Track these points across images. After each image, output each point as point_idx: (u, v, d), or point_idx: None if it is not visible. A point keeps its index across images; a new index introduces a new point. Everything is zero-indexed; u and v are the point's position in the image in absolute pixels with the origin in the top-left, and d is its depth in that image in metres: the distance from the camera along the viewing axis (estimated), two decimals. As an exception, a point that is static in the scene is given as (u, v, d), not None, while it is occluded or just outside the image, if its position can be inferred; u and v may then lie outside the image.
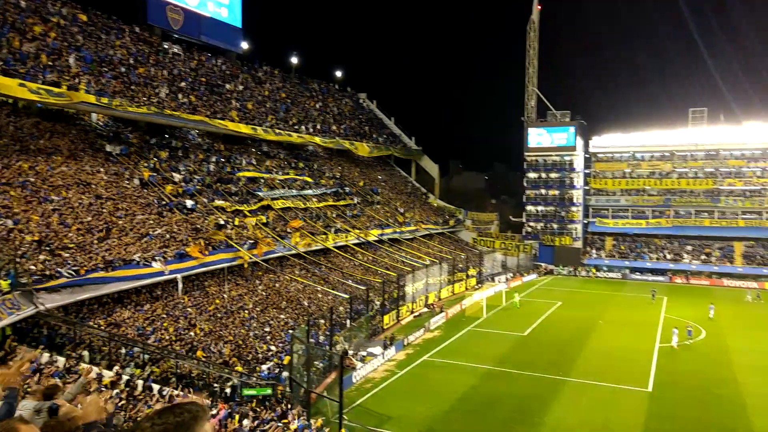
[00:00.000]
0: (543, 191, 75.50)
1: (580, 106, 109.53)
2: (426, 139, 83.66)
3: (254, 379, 26.10)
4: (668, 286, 61.37)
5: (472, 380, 29.13)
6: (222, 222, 38.13)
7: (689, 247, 68.28)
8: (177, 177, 40.20)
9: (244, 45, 60.90)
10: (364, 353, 32.57)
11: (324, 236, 46.74)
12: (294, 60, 70.33)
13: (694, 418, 24.15)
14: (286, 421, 21.56)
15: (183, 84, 47.62)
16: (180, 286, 31.52)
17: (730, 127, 67.75)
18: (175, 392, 21.02)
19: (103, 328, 25.66)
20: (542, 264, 71.50)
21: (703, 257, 66.48)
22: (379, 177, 71.37)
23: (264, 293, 36.81)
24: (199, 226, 36.21)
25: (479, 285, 57.18)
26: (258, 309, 34.52)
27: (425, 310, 45.61)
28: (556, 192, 74.54)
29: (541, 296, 53.11)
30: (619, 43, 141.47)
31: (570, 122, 73.18)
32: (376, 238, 53.85)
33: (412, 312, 44.24)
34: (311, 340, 29.48)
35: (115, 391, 18.19)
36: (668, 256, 67.95)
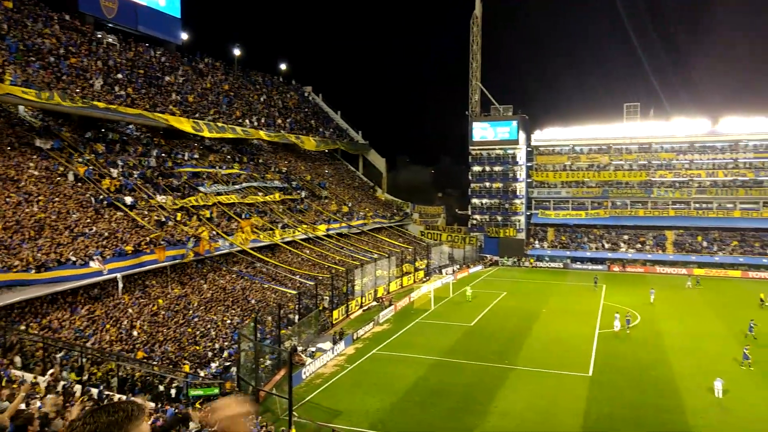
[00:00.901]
0: (487, 184, 77.09)
1: (523, 101, 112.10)
2: (373, 133, 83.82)
3: (200, 378, 25.49)
4: (606, 275, 64.01)
5: (421, 371, 29.49)
6: (164, 219, 36.93)
7: (625, 237, 71.41)
8: (115, 172, 38.59)
9: (184, 36, 59.08)
10: (314, 349, 32.40)
11: (271, 232, 46.07)
12: (236, 52, 68.83)
13: (630, 400, 25.34)
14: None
15: (120, 76, 45.69)
16: (120, 285, 30.35)
17: (660, 122, 71.19)
18: (117, 396, 20.25)
19: (36, 331, 24.38)
20: (488, 255, 73.11)
21: (638, 246, 69.68)
22: (327, 171, 70.96)
23: (209, 291, 35.96)
24: (140, 223, 34.92)
25: (427, 277, 57.89)
26: (203, 307, 33.69)
27: (374, 303, 45.78)
28: (500, 185, 76.27)
29: (487, 287, 54.31)
30: (559, 38, 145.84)
31: (513, 116, 74.93)
32: (324, 233, 53.56)
33: (361, 306, 44.31)
34: (259, 338, 29.05)
35: (51, 396, 17.32)
36: (606, 246, 70.84)
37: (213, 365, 27.55)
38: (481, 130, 75.78)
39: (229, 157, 53.99)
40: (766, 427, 22.34)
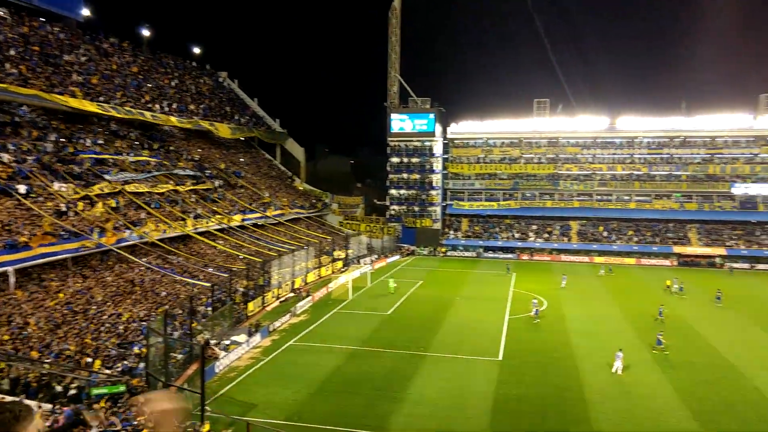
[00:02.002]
0: (405, 175, 78.28)
1: (440, 94, 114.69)
2: (291, 122, 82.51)
3: (104, 376, 24.14)
4: (516, 263, 67.05)
5: (338, 361, 29.61)
6: (64, 208, 34.48)
7: (534, 227, 75.07)
8: (6, 157, 35.51)
9: (86, 12, 55.00)
10: (228, 342, 31.61)
11: (182, 222, 44.29)
12: (145, 33, 65.09)
13: (536, 381, 26.82)
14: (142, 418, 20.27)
15: (12, 52, 41.99)
16: (12, 280, 28.08)
17: (566, 118, 75.27)
18: (8, 398, 18.78)
19: None
20: (405, 245, 74.38)
21: (545, 235, 73.48)
22: (242, 160, 69.09)
23: (114, 285, 34.05)
24: (36, 212, 32.39)
25: (345, 268, 57.99)
26: (108, 302, 31.88)
27: (291, 295, 45.32)
28: (418, 176, 77.69)
29: (404, 276, 55.29)
30: (475, 34, 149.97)
31: (430, 109, 76.40)
32: (240, 224, 52.23)
33: (278, 297, 43.72)
34: (169, 332, 27.94)
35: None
36: (516, 235, 74.16)
37: (119, 362, 26.19)
38: (400, 122, 76.69)
39: (137, 143, 51.17)
40: (660, 403, 24.37)
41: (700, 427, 21.69)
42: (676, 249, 67.46)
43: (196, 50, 75.73)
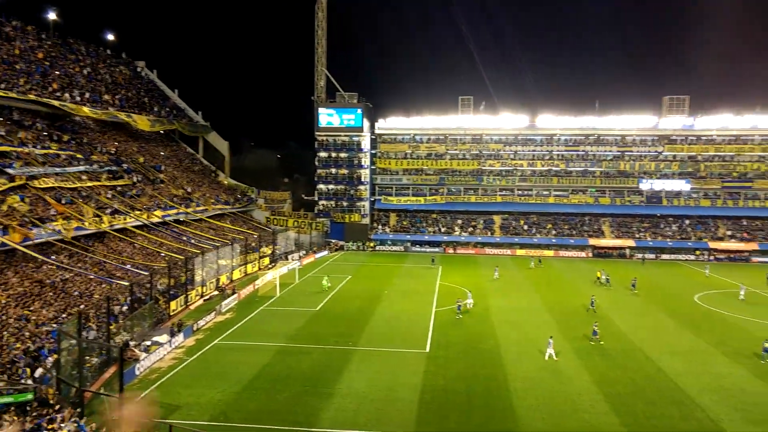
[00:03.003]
0: (333, 170, 77.95)
1: (368, 90, 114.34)
2: (214, 115, 79.80)
3: (5, 384, 22.39)
4: (443, 256, 68.52)
5: (265, 359, 29.09)
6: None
7: (459, 221, 76.97)
8: None
9: (-15, -8, 50.73)
10: (149, 343, 30.28)
11: (98, 219, 41.87)
12: (52, 16, 60.68)
13: (462, 371, 27.53)
14: (53, 426, 19.05)
15: None
16: None
17: (490, 116, 77.59)
18: None
19: None
20: (333, 240, 74.12)
21: (470, 229, 75.52)
22: (163, 153, 66.18)
23: (20, 286, 31.67)
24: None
25: (273, 264, 57.05)
26: (14, 304, 29.61)
27: (216, 293, 44.04)
28: (346, 171, 77.57)
29: (333, 271, 55.09)
30: (400, 30, 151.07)
31: (358, 104, 76.40)
32: (160, 220, 50.07)
33: (202, 296, 42.35)
34: (84, 335, 26.35)
35: None
36: (443, 230, 75.77)
37: (27, 368, 24.39)
38: (327, 116, 76.20)
39: (45, 135, 47.76)
40: (577, 388, 25.66)
41: (611, 409, 23.06)
42: (592, 241, 71.36)
43: (111, 37, 71.72)
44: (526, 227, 75.00)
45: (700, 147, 75.21)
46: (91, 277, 36.08)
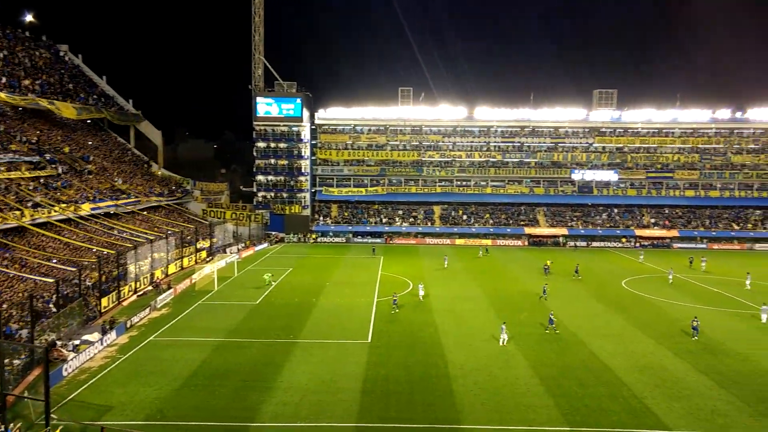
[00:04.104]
0: (273, 161, 76.62)
1: (307, 79, 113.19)
2: (146, 103, 76.59)
3: None
4: (384, 247, 68.89)
5: (203, 354, 28.36)
6: None
7: (400, 212, 77.57)
8: None
9: None
10: (78, 342, 28.86)
11: (18, 212, 39.38)
12: (-35, -6, 56.35)
13: (403, 360, 27.84)
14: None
15: None
16: None
17: (429, 107, 78.41)
18: None
19: None
20: (273, 233, 73.02)
21: (411, 220, 76.26)
22: (90, 143, 62.96)
23: (-68, 285, 29.42)
24: None
25: (210, 257, 55.64)
26: (-77, 305, 27.47)
27: (151, 288, 42.49)
28: (286, 162, 76.44)
29: (273, 264, 54.30)
30: (339, 18, 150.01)
31: (297, 93, 75.31)
32: (89, 213, 47.68)
33: (135, 291, 40.74)
34: (3, 335, 24.77)
35: None
36: (384, 220, 76.13)
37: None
38: (266, 106, 74.74)
39: (-44, 122, 44.41)
40: (513, 373, 26.47)
41: (546, 391, 23.97)
42: (527, 230, 73.68)
43: (30, 18, 67.29)
44: (465, 217, 76.50)
45: (626, 139, 78.96)
46: (11, 274, 33.94)
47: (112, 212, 51.35)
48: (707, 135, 78.54)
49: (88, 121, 67.06)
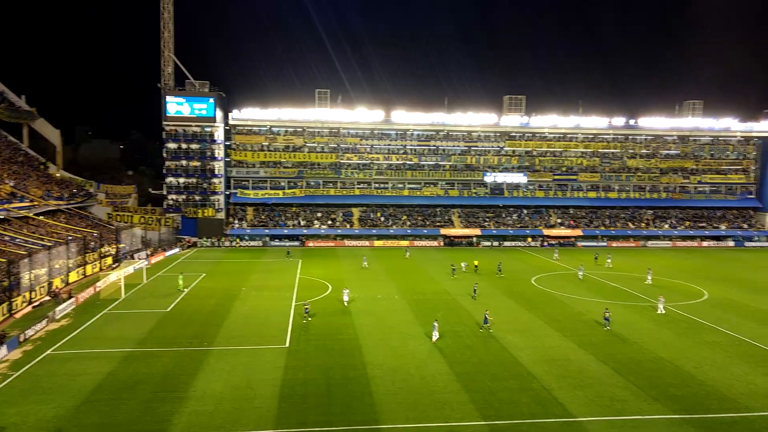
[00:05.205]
0: (184, 162, 73.69)
1: (220, 79, 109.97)
2: (42, 100, 71.17)
3: None
4: (303, 250, 68.17)
5: (109, 367, 26.72)
6: None
7: (319, 214, 77.09)
8: None
9: None
10: (-38, 360, 26.30)
11: None
12: None
13: (322, 363, 27.64)
14: None
15: None
16: None
17: (347, 110, 78.53)
18: None
19: None
20: (186, 237, 70.25)
21: (329, 222, 75.98)
22: (-23, 142, 57.62)
23: None
24: None
25: (116, 264, 52.58)
26: None
27: (48, 298, 39.50)
28: (198, 163, 73.76)
29: (186, 269, 52.18)
30: (253, 16, 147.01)
31: (210, 93, 72.91)
32: (-24, 218, 43.60)
33: (30, 302, 37.72)
34: None
35: None
36: (302, 223, 75.35)
37: None
38: (176, 105, 71.80)
39: None
40: (431, 370, 26.99)
41: (462, 387, 24.67)
42: (443, 231, 75.62)
43: None
44: (383, 219, 77.29)
45: (535, 143, 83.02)
46: None
47: (2, 217, 47.26)
48: (606, 140, 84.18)
49: (-26, 118, 61.41)
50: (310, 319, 35.66)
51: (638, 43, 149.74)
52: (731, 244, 79.53)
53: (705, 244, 78.83)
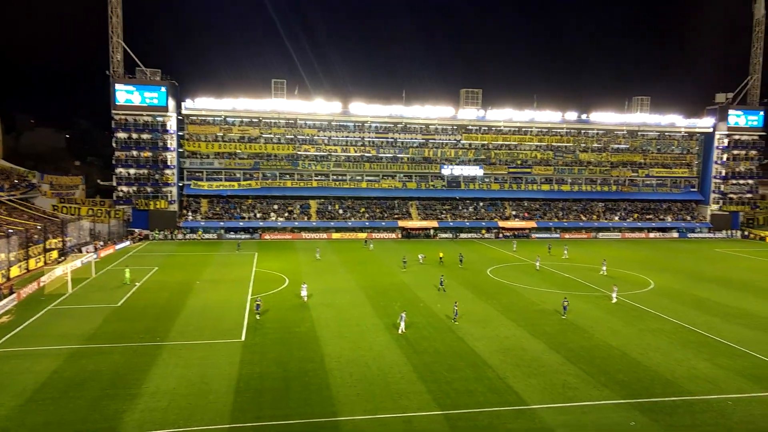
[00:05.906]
0: (135, 153, 71.38)
1: (173, 67, 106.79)
2: (-20, 86, 67.60)
3: None
4: (259, 242, 67.23)
5: (54, 364, 25.69)
6: None
7: (276, 206, 76.12)
8: None
9: None
10: None
11: None
12: None
13: (278, 356, 27.35)
14: None
15: None
16: None
17: (304, 101, 77.65)
18: None
19: None
20: (137, 230, 68.23)
21: (286, 214, 75.16)
22: None
23: None
24: None
25: (63, 258, 50.61)
26: None
27: (-12, 293, 37.64)
28: (150, 154, 71.59)
29: (136, 263, 50.71)
30: (207, 4, 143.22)
31: (161, 81, 70.76)
32: None
33: (-32, 298, 35.85)
34: None
35: None
36: (258, 215, 74.25)
37: None
38: (126, 94, 69.43)
39: None
40: (388, 362, 27.09)
41: (418, 377, 24.86)
42: (401, 223, 75.96)
43: None
44: (341, 211, 77.00)
45: (491, 137, 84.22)
46: None
47: (-63, 209, 44.75)
48: (560, 134, 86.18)
49: None
50: (258, 317, 33.91)
51: (592, 38, 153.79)
52: (675, 235, 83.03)
53: (652, 235, 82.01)
